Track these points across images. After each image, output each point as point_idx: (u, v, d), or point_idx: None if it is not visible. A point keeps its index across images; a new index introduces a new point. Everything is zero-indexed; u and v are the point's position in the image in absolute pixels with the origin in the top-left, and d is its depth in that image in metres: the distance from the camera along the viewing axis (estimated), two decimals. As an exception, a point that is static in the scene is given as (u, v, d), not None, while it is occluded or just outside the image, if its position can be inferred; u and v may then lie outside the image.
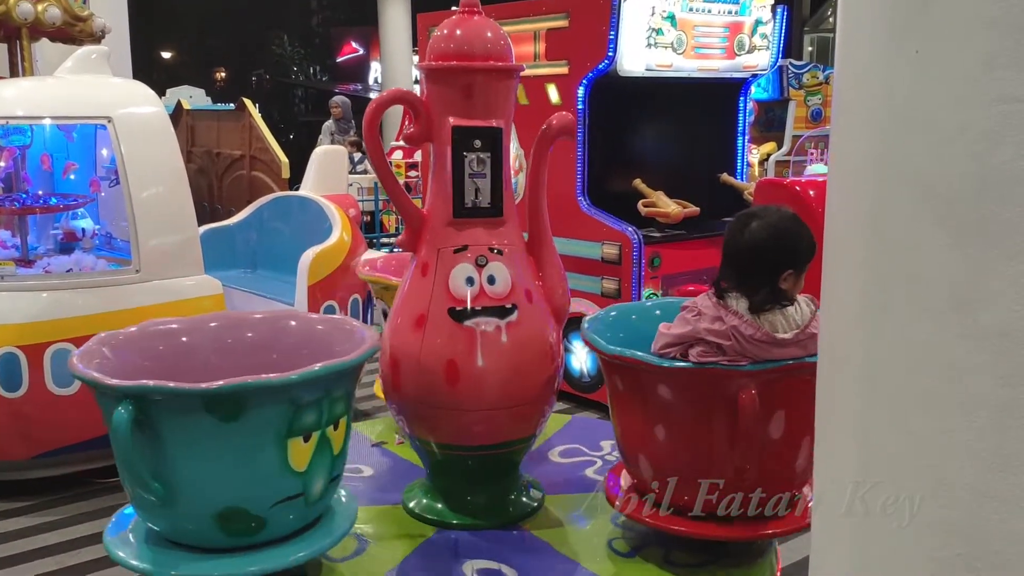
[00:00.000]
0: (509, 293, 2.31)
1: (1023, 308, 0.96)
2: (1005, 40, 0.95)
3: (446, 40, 2.33)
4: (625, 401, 2.26)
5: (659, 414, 2.15)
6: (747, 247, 2.13)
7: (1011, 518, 0.99)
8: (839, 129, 1.21)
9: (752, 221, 2.15)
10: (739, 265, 2.12)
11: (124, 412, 1.84)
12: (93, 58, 4.80)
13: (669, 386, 2.11)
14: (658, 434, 2.15)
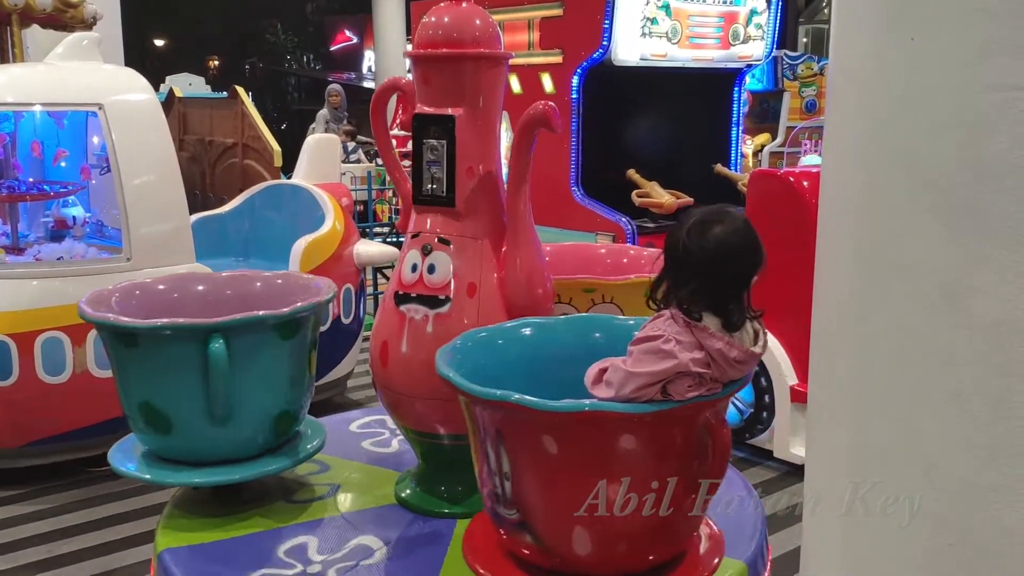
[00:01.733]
0: (445, 285, 2.32)
1: (1016, 298, 0.95)
2: (1001, 27, 0.94)
3: (419, 28, 2.39)
4: (567, 465, 1.72)
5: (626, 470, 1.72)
6: (719, 257, 1.80)
7: (1003, 509, 0.99)
8: (833, 117, 1.20)
9: (714, 227, 1.83)
10: (707, 278, 1.78)
11: (219, 345, 2.10)
12: (84, 44, 4.76)
13: (647, 434, 1.72)
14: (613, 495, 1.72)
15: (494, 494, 1.84)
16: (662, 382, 1.70)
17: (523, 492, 1.76)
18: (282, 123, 23.51)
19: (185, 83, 15.22)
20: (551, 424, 1.68)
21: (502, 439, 1.76)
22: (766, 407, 4.61)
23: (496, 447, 1.77)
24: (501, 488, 1.79)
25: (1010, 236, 0.95)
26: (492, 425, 1.77)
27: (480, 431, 1.84)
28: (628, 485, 1.71)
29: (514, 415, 1.71)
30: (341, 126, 11.80)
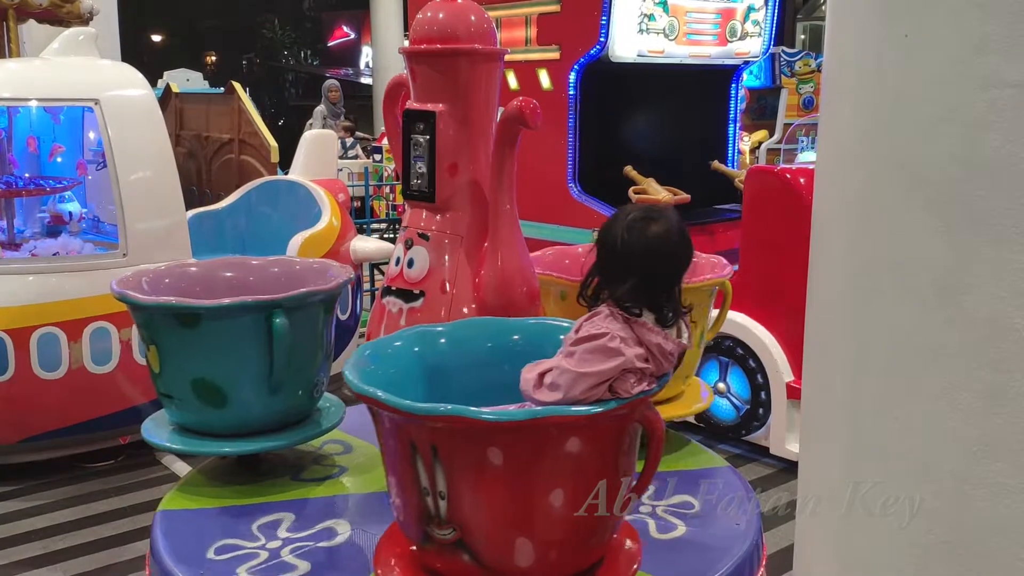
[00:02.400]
0: (421, 280, 2.34)
1: (1009, 295, 0.95)
2: (997, 23, 0.94)
3: (412, 24, 2.44)
4: (516, 475, 1.65)
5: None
6: (658, 255, 1.80)
7: (995, 505, 0.99)
8: (827, 113, 1.20)
9: (652, 225, 1.81)
10: (646, 275, 1.78)
11: (281, 320, 2.24)
12: (80, 40, 4.75)
13: (599, 433, 1.70)
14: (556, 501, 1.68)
15: (423, 515, 1.71)
16: (610, 380, 1.69)
17: (464, 509, 1.67)
18: (279, 119, 23.47)
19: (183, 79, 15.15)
20: (502, 435, 1.61)
21: (438, 456, 1.64)
22: (762, 404, 4.61)
23: (430, 465, 1.65)
24: (435, 508, 1.68)
25: (1003, 233, 0.95)
26: (427, 443, 1.64)
27: (402, 450, 1.70)
28: (577, 488, 1.68)
29: (458, 430, 1.62)
30: (339, 122, 11.79)
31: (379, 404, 1.65)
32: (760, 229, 4.65)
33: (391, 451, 1.75)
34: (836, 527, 1.16)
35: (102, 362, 4.30)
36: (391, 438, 1.73)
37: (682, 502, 2.28)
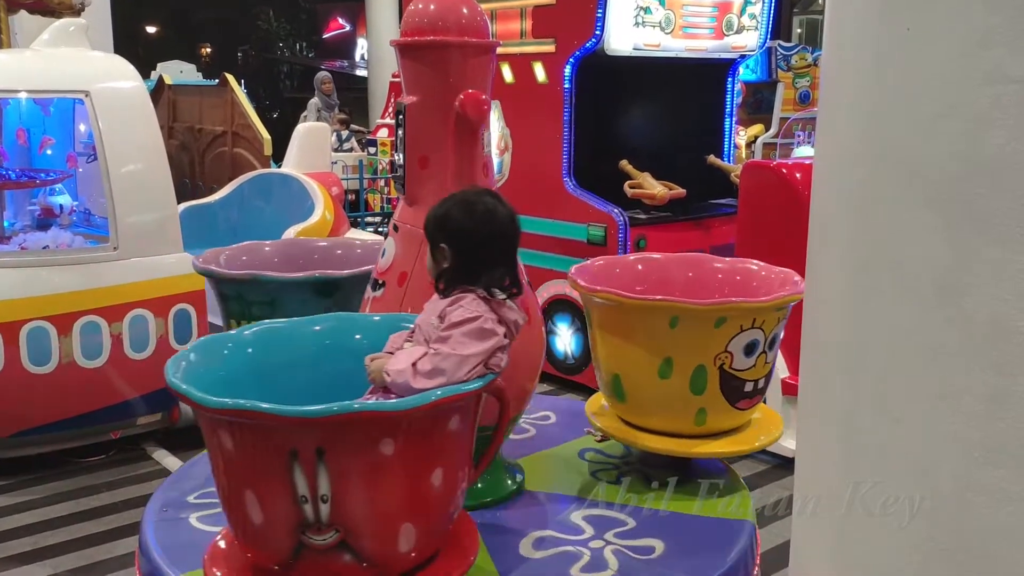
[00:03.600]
0: (386, 270, 2.36)
1: (1012, 296, 0.93)
2: (1000, 17, 0.92)
3: None
4: (405, 463, 1.69)
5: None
6: (504, 235, 1.94)
7: (995, 509, 0.97)
8: (826, 108, 1.17)
9: (480, 205, 1.94)
10: (491, 254, 1.92)
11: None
12: (71, 31, 4.71)
13: (475, 408, 1.82)
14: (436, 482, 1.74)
15: (298, 526, 1.66)
16: (488, 359, 1.81)
17: (349, 507, 1.65)
18: (274, 111, 23.39)
19: (176, 70, 15.09)
20: (400, 424, 1.64)
21: (324, 459, 1.61)
22: (757, 399, 4.60)
23: (312, 471, 1.62)
24: (314, 514, 1.65)
25: (1005, 232, 0.93)
26: (311, 447, 1.61)
27: (275, 461, 1.64)
28: (452, 465, 1.77)
29: (355, 426, 1.61)
30: (334, 114, 11.73)
31: (257, 415, 1.57)
32: (756, 224, 4.64)
33: (253, 466, 1.68)
34: (834, 530, 1.14)
35: (92, 356, 4.27)
36: (258, 451, 1.66)
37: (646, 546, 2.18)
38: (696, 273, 2.72)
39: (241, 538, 1.79)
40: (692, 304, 2.27)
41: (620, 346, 2.41)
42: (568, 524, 2.24)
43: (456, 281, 1.91)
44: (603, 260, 2.76)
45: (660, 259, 2.82)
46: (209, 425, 1.71)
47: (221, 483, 1.77)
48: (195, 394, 1.65)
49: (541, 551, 2.12)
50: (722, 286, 2.65)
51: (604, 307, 2.41)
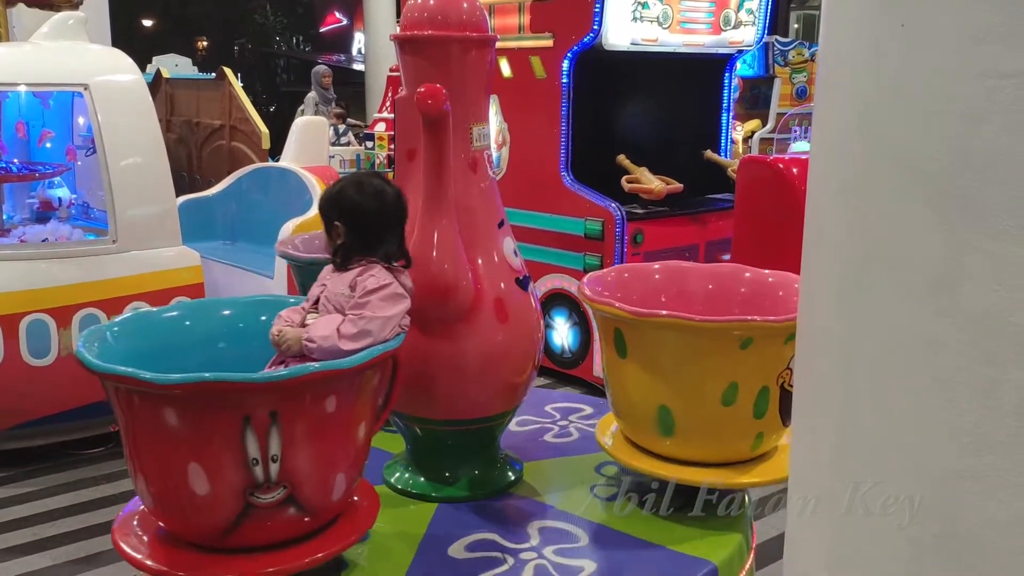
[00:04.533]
0: None
1: (1003, 288, 0.94)
2: (995, 13, 0.93)
3: None
4: (340, 415, 1.88)
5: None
6: (393, 211, 2.16)
7: (988, 499, 0.99)
8: (822, 102, 1.19)
9: (371, 186, 2.17)
10: (383, 229, 2.14)
11: None
12: (70, 24, 4.72)
13: (389, 363, 2.13)
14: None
15: (246, 488, 1.78)
16: (400, 320, 2.06)
17: (297, 463, 1.81)
18: (271, 105, 23.36)
19: (171, 64, 15.08)
20: (340, 382, 1.85)
21: (277, 421, 1.76)
22: (753, 393, 4.62)
23: (264, 433, 1.75)
24: (264, 474, 1.78)
25: (998, 225, 0.95)
26: (266, 411, 1.74)
27: (229, 428, 1.75)
28: (368, 415, 1.99)
29: (301, 388, 1.78)
30: (331, 108, 11.73)
31: (222, 385, 1.70)
32: (753, 218, 4.66)
33: (201, 437, 1.77)
34: (827, 521, 1.16)
35: (92, 349, 4.28)
36: (209, 422, 1.76)
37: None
38: (716, 285, 2.55)
39: (177, 515, 1.87)
40: (767, 322, 2.10)
41: (672, 374, 2.17)
42: (519, 531, 2.21)
43: (352, 254, 2.13)
44: (612, 273, 2.57)
45: (667, 270, 2.62)
46: (145, 405, 1.78)
47: (152, 463, 1.84)
48: (143, 374, 1.71)
49: (470, 553, 2.12)
50: (748, 297, 2.49)
51: (654, 331, 2.15)
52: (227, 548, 1.87)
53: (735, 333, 2.11)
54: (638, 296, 2.42)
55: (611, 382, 2.36)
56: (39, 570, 3.54)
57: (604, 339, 2.33)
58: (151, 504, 1.90)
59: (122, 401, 1.83)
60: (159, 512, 1.90)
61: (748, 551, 2.30)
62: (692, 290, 2.53)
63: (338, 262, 2.14)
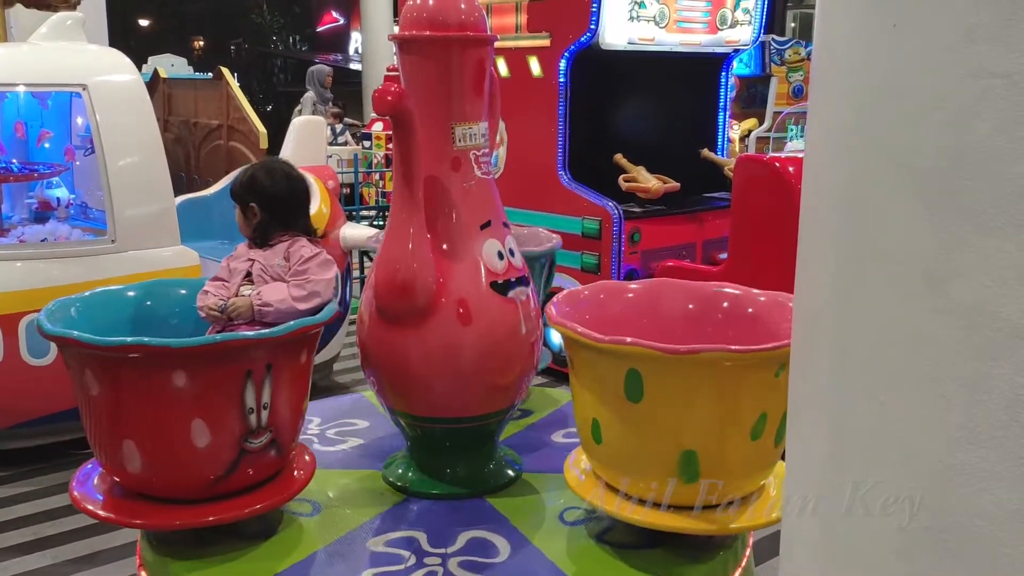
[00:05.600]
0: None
1: (995, 284, 0.96)
2: (984, 13, 0.95)
3: None
4: (306, 366, 2.25)
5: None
6: (298, 190, 2.55)
7: (979, 491, 1.00)
8: (815, 102, 1.20)
9: (279, 171, 2.54)
10: (296, 207, 2.55)
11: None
12: (68, 24, 4.73)
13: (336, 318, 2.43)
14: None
15: (242, 436, 2.03)
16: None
17: (280, 409, 2.09)
18: (268, 104, 23.35)
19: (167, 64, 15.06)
20: (312, 336, 2.19)
21: (271, 371, 2.04)
22: (750, 391, 4.63)
23: (260, 383, 2.03)
24: (257, 421, 2.05)
25: (989, 222, 0.96)
26: (263, 363, 2.02)
27: (232, 382, 1.99)
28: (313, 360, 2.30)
29: (290, 342, 2.08)
30: (328, 108, 11.74)
31: (238, 343, 2.00)
32: (750, 217, 4.67)
33: (206, 395, 1.98)
34: (820, 515, 1.17)
35: (91, 349, 4.29)
36: (215, 379, 1.98)
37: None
38: (697, 306, 2.34)
39: (171, 474, 2.03)
40: (747, 350, 1.91)
41: (702, 413, 1.93)
42: (450, 536, 2.18)
43: (271, 231, 2.48)
44: (586, 296, 2.34)
45: (644, 291, 2.39)
46: (150, 371, 1.94)
47: (147, 428, 1.98)
48: (155, 341, 1.90)
49: (386, 548, 2.13)
50: (736, 316, 2.30)
51: (688, 367, 1.88)
52: (213, 496, 2.06)
53: (772, 362, 1.92)
54: (612, 317, 2.25)
55: (611, 432, 2.02)
56: (39, 569, 3.55)
57: (598, 384, 2.01)
58: (138, 468, 2.00)
59: (111, 372, 1.96)
60: (148, 475, 2.01)
61: (744, 548, 2.32)
62: (670, 311, 2.34)
63: (258, 240, 2.48)
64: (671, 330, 2.20)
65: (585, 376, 2.06)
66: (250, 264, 2.46)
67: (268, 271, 2.42)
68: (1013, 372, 0.97)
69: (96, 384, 2.00)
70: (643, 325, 2.22)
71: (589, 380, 2.04)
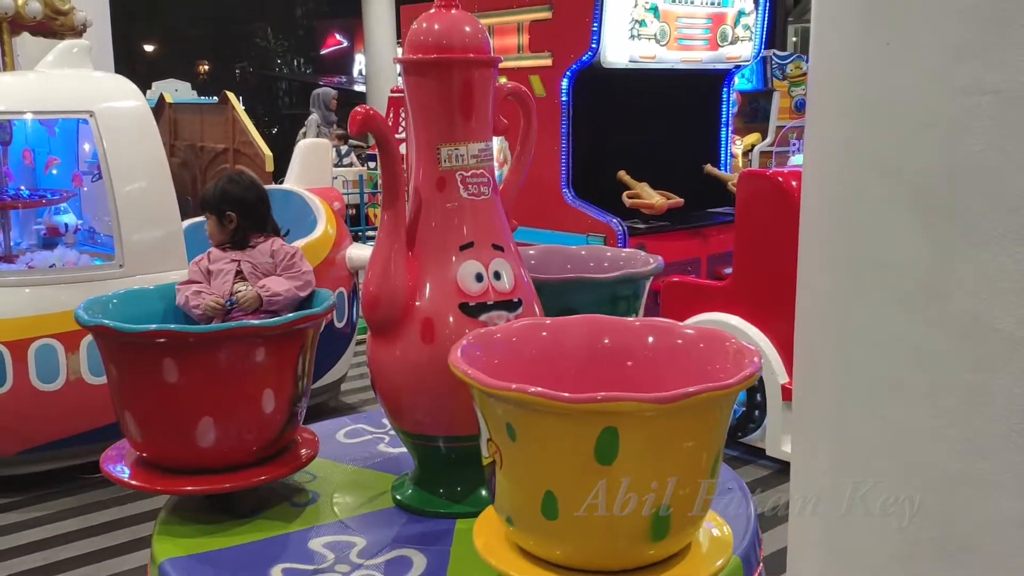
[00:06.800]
0: None
1: (991, 295, 0.98)
2: (975, 31, 0.97)
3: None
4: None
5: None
6: (263, 196, 2.88)
7: (981, 501, 1.02)
8: (813, 118, 1.23)
9: (244, 180, 2.90)
10: (266, 210, 2.87)
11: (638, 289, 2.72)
12: (75, 52, 4.78)
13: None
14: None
15: (292, 401, 2.32)
16: None
17: (311, 373, 2.44)
18: (273, 127, 23.48)
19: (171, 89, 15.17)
20: (324, 313, 2.47)
21: (312, 342, 2.40)
22: (758, 405, 4.64)
23: (309, 352, 2.38)
24: (303, 387, 2.37)
25: (984, 234, 0.98)
26: (312, 334, 2.38)
27: (294, 354, 2.31)
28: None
29: (322, 318, 2.42)
30: (332, 130, 11.80)
31: (305, 319, 2.34)
32: (753, 232, 4.68)
33: (279, 365, 2.27)
34: (825, 526, 1.18)
35: (100, 373, 4.30)
36: (287, 351, 2.29)
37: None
38: (612, 339, 2.05)
39: (236, 442, 2.26)
40: (734, 383, 1.65)
41: (672, 456, 1.66)
42: (381, 546, 2.20)
43: (249, 234, 2.79)
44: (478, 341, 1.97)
45: (547, 327, 2.08)
46: (238, 350, 2.21)
47: (219, 403, 2.21)
48: (252, 323, 2.39)
49: (322, 549, 2.17)
50: (656, 348, 2.01)
51: (678, 412, 1.60)
52: (266, 458, 2.33)
53: (732, 397, 1.73)
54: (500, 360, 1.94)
55: (574, 502, 1.65)
56: (50, 593, 3.56)
57: (555, 449, 1.65)
58: (211, 442, 2.21)
59: (197, 356, 2.19)
60: (220, 447, 2.23)
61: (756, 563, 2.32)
62: (568, 351, 2.04)
63: (237, 243, 2.79)
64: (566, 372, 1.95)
65: (532, 443, 1.66)
66: (236, 264, 2.76)
67: (259, 268, 2.74)
68: (1012, 383, 0.98)
69: (175, 370, 2.18)
70: (564, 368, 1.97)
71: (539, 447, 1.66)
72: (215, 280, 2.74)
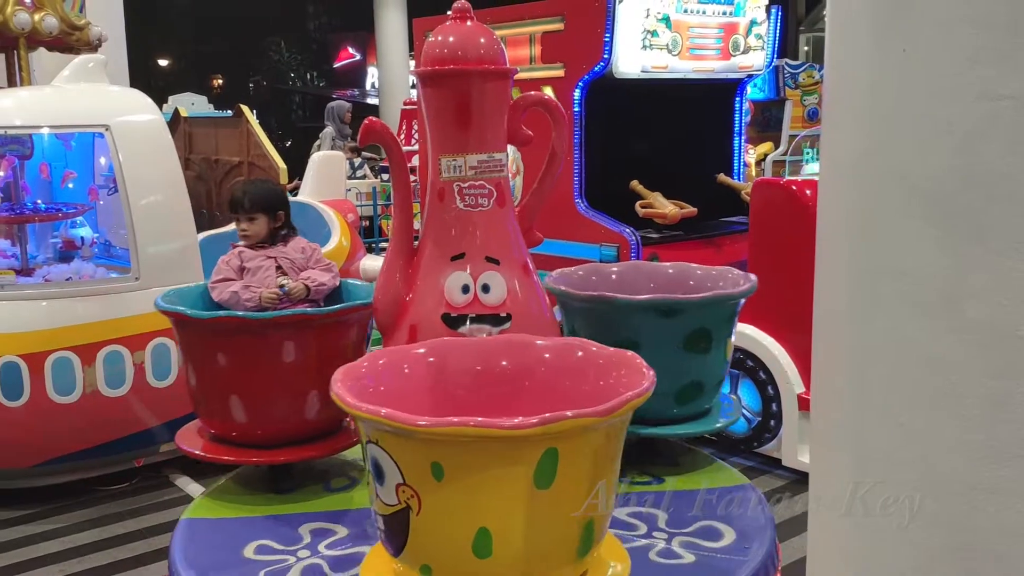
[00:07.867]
0: None
1: (1009, 302, 0.97)
2: (988, 38, 0.97)
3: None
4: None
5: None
6: (284, 196, 3.14)
7: (1002, 509, 1.01)
8: (828, 127, 1.22)
9: (269, 181, 3.38)
10: (284, 208, 3.06)
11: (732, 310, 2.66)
12: (90, 66, 4.81)
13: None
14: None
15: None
16: None
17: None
18: (286, 140, 23.59)
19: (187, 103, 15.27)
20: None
21: (359, 324, 2.62)
22: (774, 415, 4.62)
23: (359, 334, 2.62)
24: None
25: (1002, 241, 0.97)
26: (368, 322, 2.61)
27: (354, 335, 2.57)
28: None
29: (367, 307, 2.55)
30: (346, 143, 11.84)
31: (352, 310, 2.55)
32: (767, 241, 4.67)
33: (349, 346, 2.52)
34: (845, 534, 1.18)
35: (116, 385, 4.33)
36: (356, 334, 2.57)
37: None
38: (515, 359, 1.98)
39: (312, 414, 2.47)
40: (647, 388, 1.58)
41: (603, 464, 1.61)
42: (356, 531, 2.26)
43: (288, 231, 3.05)
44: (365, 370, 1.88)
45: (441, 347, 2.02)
46: (327, 334, 2.49)
47: (308, 382, 2.45)
48: (342, 305, 2.63)
49: (304, 532, 2.25)
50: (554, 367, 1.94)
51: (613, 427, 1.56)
52: (322, 434, 2.52)
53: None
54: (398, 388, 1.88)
55: (511, 536, 1.55)
56: (67, 606, 3.57)
57: (492, 481, 1.52)
58: (315, 414, 2.46)
59: (295, 337, 2.43)
60: (294, 418, 2.46)
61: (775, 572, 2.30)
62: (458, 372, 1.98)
63: (274, 240, 2.99)
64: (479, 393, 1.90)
65: (464, 479, 1.52)
66: (273, 260, 2.95)
67: (296, 263, 2.95)
68: (1032, 390, 0.97)
69: (287, 350, 2.43)
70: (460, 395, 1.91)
71: (473, 482, 1.52)
72: (255, 276, 2.90)
